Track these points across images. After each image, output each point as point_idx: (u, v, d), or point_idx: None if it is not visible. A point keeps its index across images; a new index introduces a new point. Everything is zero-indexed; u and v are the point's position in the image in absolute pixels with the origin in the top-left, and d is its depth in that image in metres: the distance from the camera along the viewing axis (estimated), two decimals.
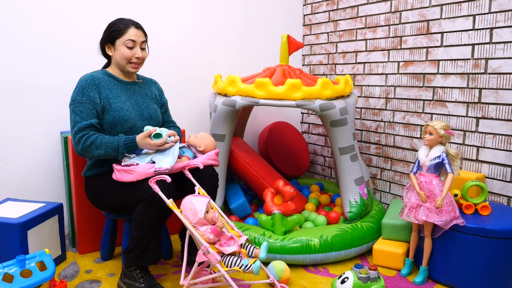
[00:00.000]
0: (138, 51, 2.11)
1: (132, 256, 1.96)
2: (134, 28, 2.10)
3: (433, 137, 2.07)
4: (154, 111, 2.22)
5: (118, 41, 2.09)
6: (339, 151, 2.47)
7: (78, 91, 2.03)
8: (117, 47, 2.10)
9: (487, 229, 1.96)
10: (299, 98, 2.34)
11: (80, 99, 2.02)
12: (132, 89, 2.19)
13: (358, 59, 3.10)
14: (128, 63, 2.12)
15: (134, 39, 2.09)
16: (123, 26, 2.09)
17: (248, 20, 3.29)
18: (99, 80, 2.09)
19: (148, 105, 2.21)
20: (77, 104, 2.01)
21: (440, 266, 2.12)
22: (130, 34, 2.08)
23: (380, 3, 2.88)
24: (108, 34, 2.11)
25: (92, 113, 2.02)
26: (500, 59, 2.28)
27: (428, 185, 2.07)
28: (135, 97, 2.18)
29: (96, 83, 2.07)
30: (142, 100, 2.21)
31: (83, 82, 2.05)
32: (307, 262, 2.29)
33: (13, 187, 2.53)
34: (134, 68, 2.14)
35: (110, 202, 2.07)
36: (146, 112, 2.18)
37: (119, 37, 2.08)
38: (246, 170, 2.74)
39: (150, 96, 2.26)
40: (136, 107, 2.15)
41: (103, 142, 1.96)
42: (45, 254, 1.89)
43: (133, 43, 2.09)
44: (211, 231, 1.78)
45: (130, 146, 1.97)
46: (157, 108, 2.27)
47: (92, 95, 2.03)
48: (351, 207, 2.48)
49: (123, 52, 2.09)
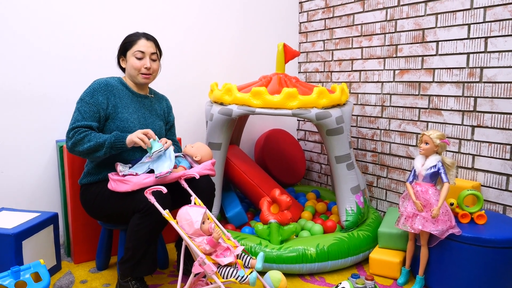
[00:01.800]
0: (147, 61, 2.13)
1: (127, 267, 1.95)
2: (144, 39, 2.13)
3: (429, 146, 2.08)
4: (158, 128, 2.22)
5: (129, 52, 2.13)
6: (335, 159, 2.47)
7: (89, 91, 2.05)
8: (128, 58, 2.14)
9: (483, 239, 1.97)
10: (295, 107, 2.34)
11: (88, 100, 2.03)
12: (142, 102, 2.21)
13: (354, 67, 3.11)
14: (138, 74, 2.13)
15: (143, 50, 2.11)
16: (135, 38, 2.14)
17: (244, 27, 3.30)
18: (112, 86, 2.11)
19: (154, 121, 2.21)
20: (84, 103, 2.02)
21: (436, 275, 2.12)
22: (139, 45, 2.11)
23: (376, 12, 2.89)
24: (121, 47, 2.17)
25: (95, 116, 2.02)
26: (495, 68, 2.30)
27: (424, 195, 2.07)
28: (143, 110, 2.19)
29: (108, 89, 2.09)
30: (149, 115, 2.21)
31: (96, 84, 2.08)
32: (304, 272, 2.29)
33: (8, 196, 2.51)
34: (145, 79, 2.15)
35: (105, 212, 2.06)
36: (151, 127, 2.16)
37: (130, 48, 2.12)
38: (242, 178, 2.73)
39: (158, 112, 2.27)
40: (142, 121, 2.15)
41: (92, 137, 1.94)
42: (40, 265, 1.87)
43: (142, 54, 2.11)
44: (207, 242, 1.77)
45: (119, 142, 1.94)
46: (162, 126, 2.27)
47: (100, 99, 2.04)
48: (348, 215, 2.48)
49: (132, 63, 2.12)
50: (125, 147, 1.96)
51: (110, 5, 2.71)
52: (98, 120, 2.03)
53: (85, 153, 1.97)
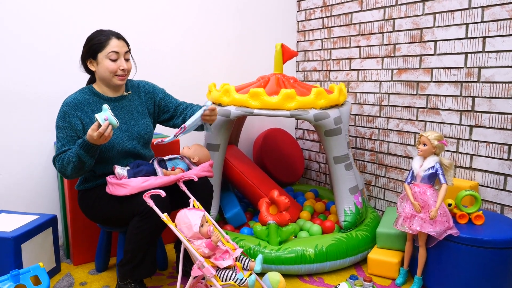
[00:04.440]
0: (122, 62, 2.01)
1: (127, 269, 1.96)
2: (115, 39, 1.99)
3: (427, 147, 2.08)
4: (143, 128, 2.14)
5: (100, 55, 1.98)
6: (333, 160, 2.48)
7: (60, 116, 1.98)
8: (100, 61, 1.99)
9: (480, 239, 1.98)
10: (293, 108, 2.34)
11: (62, 124, 1.97)
12: (119, 106, 2.10)
13: (352, 66, 3.10)
14: (114, 76, 2.01)
15: (117, 50, 1.98)
16: (104, 38, 1.98)
17: (242, 26, 3.29)
18: (82, 103, 2.01)
19: (137, 122, 2.13)
20: (59, 129, 1.97)
21: (434, 275, 2.13)
22: (112, 45, 1.97)
23: (374, 11, 2.88)
24: (88, 49, 2.00)
25: (74, 139, 1.95)
26: (493, 68, 2.30)
27: (422, 196, 2.08)
28: (123, 114, 2.10)
29: (79, 108, 1.99)
30: (130, 117, 2.12)
31: (65, 106, 1.99)
32: (302, 272, 2.29)
33: (6, 199, 2.52)
34: (121, 80, 2.03)
35: (104, 215, 2.06)
36: (135, 130, 2.10)
37: (101, 50, 1.97)
38: (241, 179, 2.74)
39: (139, 109, 2.16)
40: (124, 127, 2.07)
41: (70, 156, 1.87)
42: (39, 268, 1.88)
43: (117, 54, 1.98)
44: (206, 245, 1.78)
45: (84, 146, 1.83)
46: (149, 122, 2.19)
47: (73, 121, 1.97)
48: (346, 216, 2.48)
49: (107, 66, 1.98)
50: (94, 144, 1.82)
51: (109, 6, 2.70)
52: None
53: (77, 174, 1.93)
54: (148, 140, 2.19)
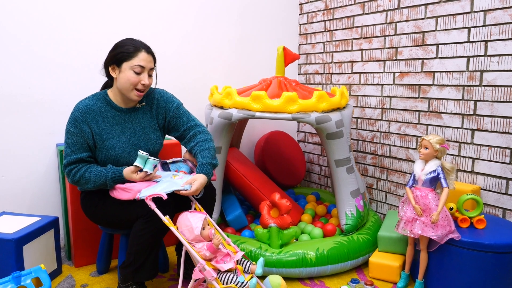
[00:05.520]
0: (145, 77, 1.95)
1: (128, 272, 1.95)
2: (145, 52, 1.95)
3: (428, 151, 2.08)
4: (153, 142, 2.10)
5: (125, 64, 1.93)
6: (335, 163, 2.48)
7: (71, 121, 1.96)
8: (123, 70, 1.94)
9: (482, 244, 1.97)
10: (295, 111, 2.34)
11: (73, 130, 1.95)
12: (130, 118, 2.06)
13: (354, 69, 3.11)
14: (133, 89, 1.96)
15: (144, 64, 1.93)
16: (133, 48, 1.93)
17: (244, 29, 3.30)
18: (94, 111, 1.98)
19: (147, 136, 2.08)
20: (69, 135, 1.96)
21: (436, 279, 2.12)
22: (140, 58, 1.93)
23: (376, 14, 2.89)
24: (115, 55, 1.95)
25: (84, 147, 1.96)
26: (495, 71, 2.30)
27: (424, 199, 2.07)
28: (133, 127, 2.05)
29: (90, 116, 1.97)
30: (141, 130, 2.07)
31: (77, 112, 1.96)
32: (304, 276, 2.29)
33: (8, 200, 2.52)
34: (138, 96, 1.98)
35: (107, 218, 2.06)
36: (144, 145, 2.06)
37: (127, 60, 1.92)
38: (242, 182, 2.74)
39: (150, 122, 2.11)
40: (132, 140, 2.04)
41: (91, 177, 1.93)
42: (41, 270, 1.88)
43: (142, 69, 1.94)
44: (208, 248, 1.78)
45: (117, 179, 1.94)
46: (159, 136, 2.14)
47: (84, 128, 1.95)
48: (347, 219, 2.48)
49: (129, 77, 1.93)
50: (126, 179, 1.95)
51: (109, 10, 2.71)
52: (88, 149, 1.97)
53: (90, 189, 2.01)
54: (156, 153, 2.16)
